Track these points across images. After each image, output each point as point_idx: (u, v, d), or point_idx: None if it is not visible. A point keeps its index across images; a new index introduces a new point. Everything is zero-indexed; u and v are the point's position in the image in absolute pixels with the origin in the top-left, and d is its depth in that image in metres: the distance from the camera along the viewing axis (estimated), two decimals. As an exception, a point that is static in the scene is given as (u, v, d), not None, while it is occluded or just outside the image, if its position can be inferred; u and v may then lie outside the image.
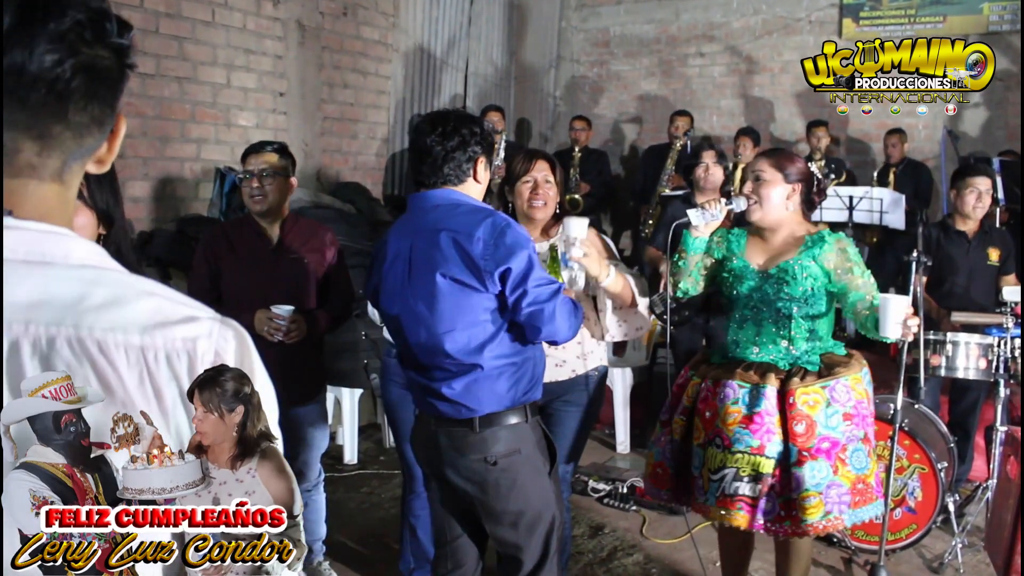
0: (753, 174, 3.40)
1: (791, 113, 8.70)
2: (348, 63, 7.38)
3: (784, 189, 3.35)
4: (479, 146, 2.83)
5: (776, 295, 3.30)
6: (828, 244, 3.31)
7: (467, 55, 8.39)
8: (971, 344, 4.42)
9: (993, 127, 8.13)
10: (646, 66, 9.28)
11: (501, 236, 2.67)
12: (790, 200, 3.37)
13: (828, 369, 3.28)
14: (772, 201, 3.35)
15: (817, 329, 3.33)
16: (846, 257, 3.29)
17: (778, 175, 3.37)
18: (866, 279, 3.29)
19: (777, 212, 3.36)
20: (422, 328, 2.75)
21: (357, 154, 7.51)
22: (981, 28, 8.09)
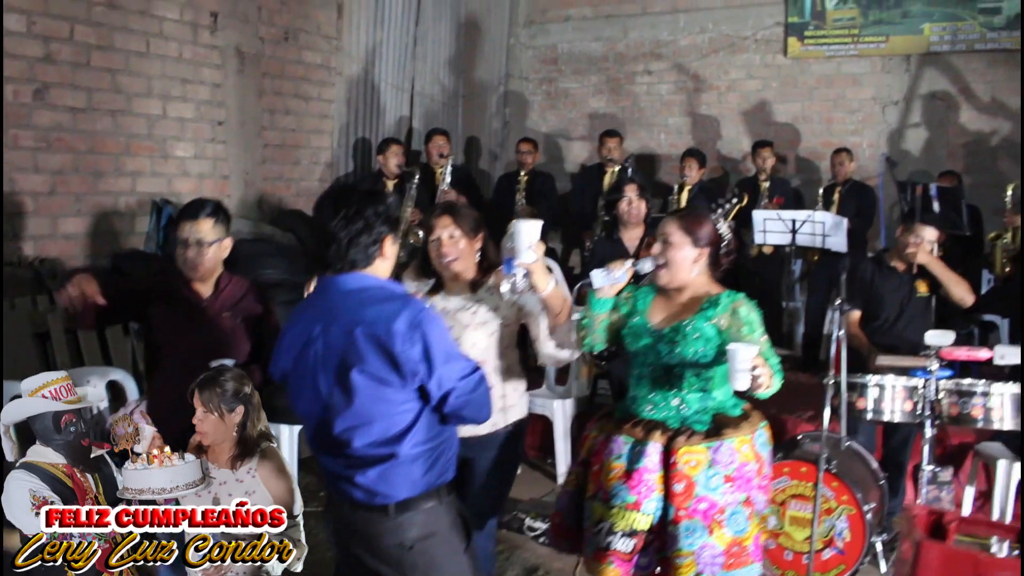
0: (661, 236, 3.42)
1: (738, 131, 8.76)
2: (289, 89, 7.34)
3: (692, 252, 3.38)
4: (385, 225, 2.79)
5: (668, 354, 3.33)
6: (722, 306, 3.33)
7: (413, 76, 8.36)
8: (896, 387, 4.48)
9: (934, 147, 8.23)
10: (594, 83, 9.30)
11: (418, 329, 2.65)
12: (697, 263, 3.41)
13: (717, 430, 3.31)
14: (679, 264, 3.38)
15: (710, 389, 3.36)
16: (738, 317, 3.31)
17: (687, 239, 3.39)
18: (756, 338, 3.32)
19: (684, 275, 3.39)
20: (337, 419, 2.72)
21: (300, 180, 7.48)
22: (922, 48, 8.19)
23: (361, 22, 7.79)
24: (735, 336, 3.27)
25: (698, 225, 3.43)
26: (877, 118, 8.37)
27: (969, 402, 4.39)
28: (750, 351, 3.04)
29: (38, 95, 5.71)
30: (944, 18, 8.09)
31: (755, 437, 3.38)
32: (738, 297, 3.41)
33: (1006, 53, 7.92)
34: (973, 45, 8.03)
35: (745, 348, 3.05)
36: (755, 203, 7.75)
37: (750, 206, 7.60)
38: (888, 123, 8.35)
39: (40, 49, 5.71)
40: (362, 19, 7.79)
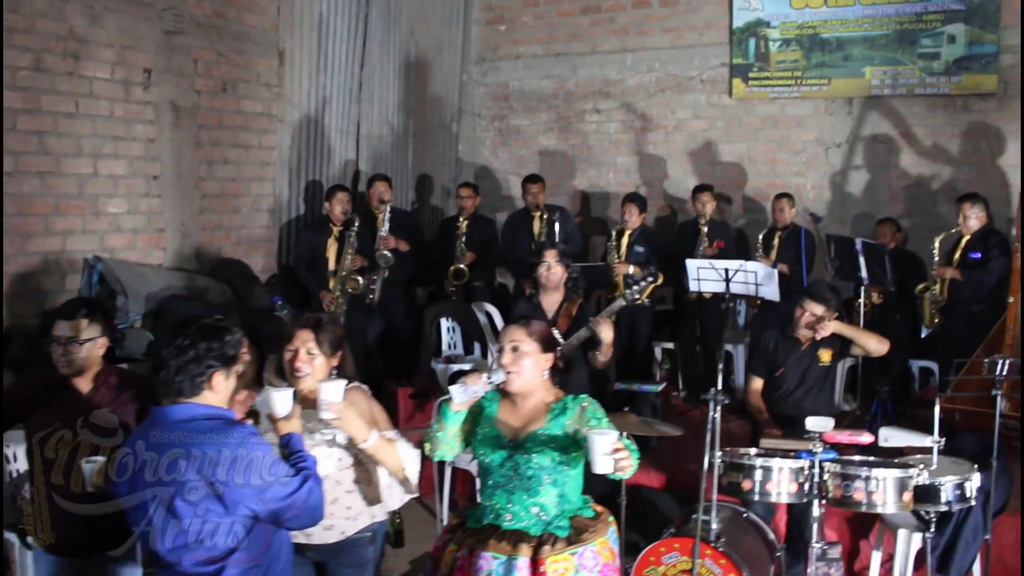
0: (511, 344, 3.49)
1: (684, 171, 8.80)
2: (228, 139, 7.41)
3: (541, 358, 3.49)
4: (217, 361, 2.95)
5: (526, 464, 3.40)
6: (571, 410, 3.45)
7: (359, 119, 8.43)
8: (783, 469, 4.53)
9: (876, 189, 8.25)
10: (545, 121, 9.35)
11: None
12: (543, 369, 3.51)
13: (577, 534, 3.39)
14: (529, 371, 3.47)
15: (567, 493, 3.44)
16: (586, 415, 3.42)
17: (535, 345, 3.49)
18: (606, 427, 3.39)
19: (533, 381, 3.49)
20: (165, 539, 2.85)
21: (240, 228, 7.55)
22: (863, 92, 8.21)
23: (303, 69, 7.86)
24: (582, 431, 3.37)
25: (540, 331, 3.55)
26: (821, 160, 8.40)
27: (852, 485, 4.44)
28: (610, 437, 3.16)
29: (-37, 160, 5.80)
30: (884, 62, 8.11)
31: (610, 535, 3.50)
32: (582, 399, 3.52)
33: (945, 98, 7.95)
34: (913, 89, 8.05)
35: (604, 435, 3.18)
36: (695, 248, 7.80)
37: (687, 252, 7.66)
38: (831, 165, 8.38)
39: (-36, 116, 5.80)
40: (304, 66, 7.85)
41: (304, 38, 7.84)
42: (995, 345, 6.31)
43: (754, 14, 8.50)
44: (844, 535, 5.60)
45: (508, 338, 3.52)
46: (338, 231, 7.20)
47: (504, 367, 3.47)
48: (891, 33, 8.08)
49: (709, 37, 8.65)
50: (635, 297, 5.32)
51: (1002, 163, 7.82)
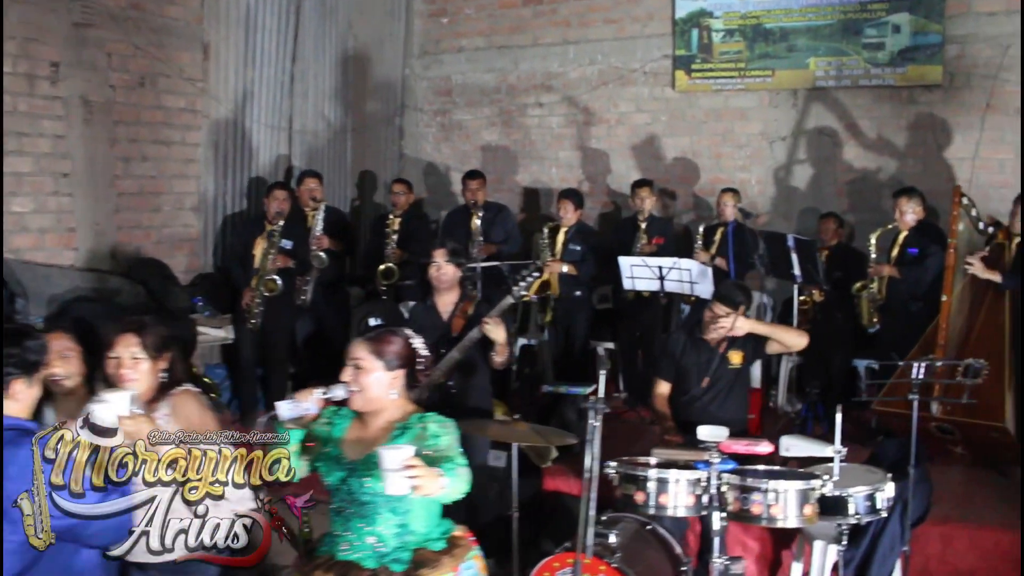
0: (351, 361, 3.21)
1: (628, 166, 8.50)
2: (147, 135, 7.11)
3: (385, 376, 3.19)
4: (16, 367, 2.77)
5: (360, 490, 3.10)
6: (412, 430, 3.13)
7: (291, 114, 8.12)
8: (680, 481, 4.24)
9: (821, 184, 7.95)
10: (487, 116, 9.04)
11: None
12: (392, 387, 3.21)
13: (415, 568, 3.08)
14: (373, 390, 3.18)
15: (409, 523, 3.13)
16: (427, 435, 3.11)
17: (378, 363, 3.20)
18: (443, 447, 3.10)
19: (379, 399, 3.20)
20: None
21: (162, 227, 7.26)
22: (808, 83, 7.90)
23: (230, 63, 7.56)
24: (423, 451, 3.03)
25: (388, 346, 3.24)
26: (765, 154, 8.10)
27: (749, 498, 4.16)
28: (400, 453, 2.82)
29: None
30: (829, 53, 7.80)
31: (463, 570, 3.16)
32: (428, 417, 3.20)
33: (890, 89, 7.65)
34: (858, 81, 7.75)
35: (394, 450, 2.84)
36: (632, 245, 7.51)
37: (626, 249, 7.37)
38: (776, 159, 8.08)
39: None
40: (231, 60, 7.56)
41: (230, 31, 7.54)
42: (929, 345, 6.03)
43: (697, 4, 8.19)
44: (766, 545, 5.32)
45: (350, 354, 3.24)
46: (269, 230, 6.91)
47: (346, 384, 3.21)
48: (835, 23, 7.78)
49: (652, 28, 8.34)
50: (522, 294, 5.01)
51: (948, 156, 7.53)
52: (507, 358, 5.18)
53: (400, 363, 3.23)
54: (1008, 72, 7.29)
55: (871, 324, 6.80)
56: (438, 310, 5.35)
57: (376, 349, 3.21)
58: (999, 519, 5.17)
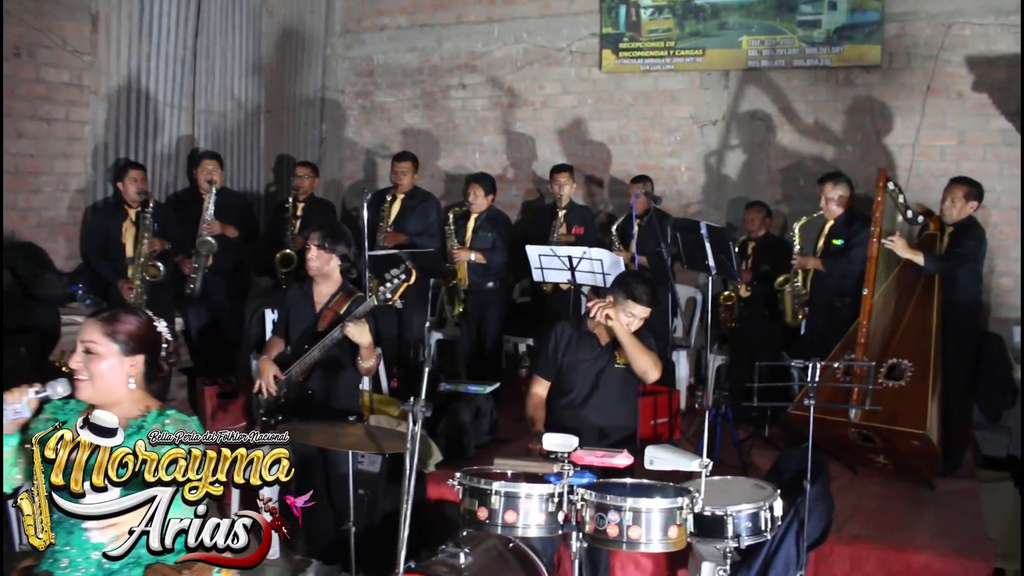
0: (83, 344, 2.66)
1: (553, 151, 7.86)
2: (24, 109, 6.45)
3: (120, 362, 2.65)
4: None
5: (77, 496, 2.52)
6: (146, 429, 2.57)
7: (193, 92, 7.47)
8: (531, 495, 3.61)
9: (754, 171, 7.33)
10: (409, 98, 8.39)
11: None
12: (129, 375, 2.66)
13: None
14: (105, 378, 2.63)
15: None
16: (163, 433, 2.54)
17: (112, 346, 2.65)
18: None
19: (112, 390, 2.64)
20: None
21: (42, 209, 6.60)
22: (740, 63, 7.27)
23: (122, 35, 6.88)
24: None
25: (126, 328, 2.67)
26: (696, 139, 7.47)
27: (605, 518, 3.54)
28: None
29: None
30: (762, 31, 7.16)
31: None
32: (168, 415, 2.64)
33: (826, 70, 7.02)
34: (792, 61, 7.11)
35: None
36: (550, 234, 6.89)
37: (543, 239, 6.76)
38: (707, 144, 7.45)
39: None
40: (123, 32, 6.88)
41: (122, 1, 6.88)
42: (851, 344, 5.42)
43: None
44: (660, 564, 4.70)
45: (81, 336, 2.66)
46: (135, 213, 6.27)
47: (74, 372, 2.62)
48: (769, 0, 7.14)
49: (579, 5, 7.70)
50: (387, 297, 4.38)
51: (887, 142, 6.91)
52: (374, 363, 4.57)
53: (139, 347, 2.68)
54: (949, 52, 6.68)
55: (796, 321, 6.19)
56: (313, 299, 4.74)
57: (110, 330, 2.66)
58: (913, 539, 4.57)
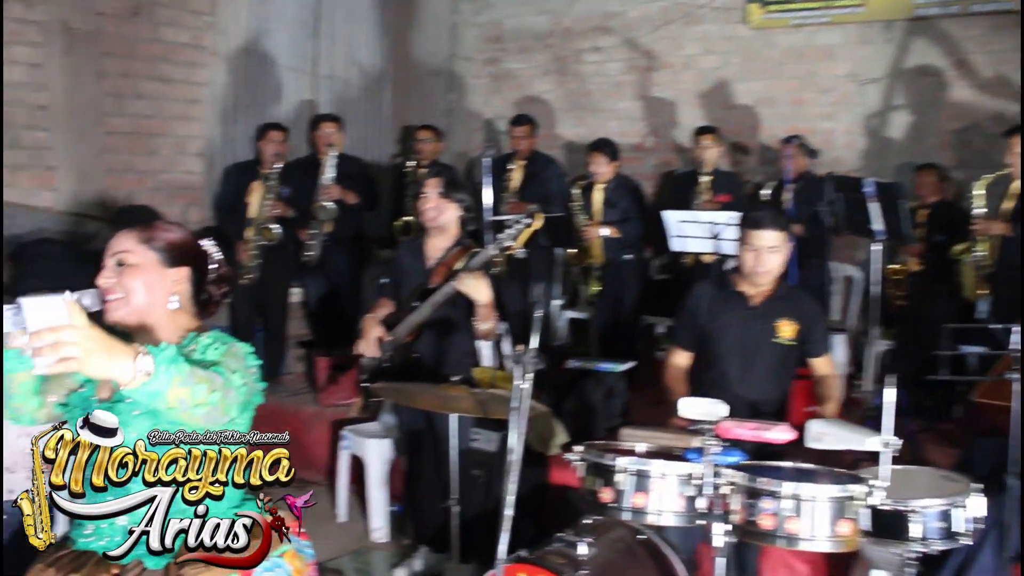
0: (115, 256, 2.13)
1: (694, 116, 7.08)
2: (142, 70, 6.14)
3: (160, 276, 2.14)
4: None
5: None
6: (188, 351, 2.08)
7: (316, 56, 7.05)
8: (666, 476, 2.91)
9: (922, 134, 6.38)
10: (540, 63, 7.76)
11: None
12: (170, 292, 2.15)
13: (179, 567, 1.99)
14: (141, 294, 2.12)
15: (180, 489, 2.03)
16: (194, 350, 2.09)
17: (149, 255, 2.13)
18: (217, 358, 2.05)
19: (149, 309, 2.13)
20: None
21: (159, 172, 6.28)
22: (906, 12, 6.34)
23: (242, -5, 6.54)
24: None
25: (165, 235, 2.17)
26: (854, 99, 6.57)
27: (757, 506, 2.81)
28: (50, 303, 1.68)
29: None
30: (933, -27, 6.23)
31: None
32: (214, 336, 2.15)
33: (1009, 16, 6.01)
34: (969, 7, 6.14)
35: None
36: (690, 201, 6.16)
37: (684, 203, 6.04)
38: (867, 105, 6.54)
39: None
40: (244, -9, 6.54)
41: (244, -41, 6.53)
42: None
43: (775, -77, 6.72)
44: (820, 570, 3.92)
45: (113, 247, 2.14)
46: (264, 174, 5.89)
47: (104, 291, 2.11)
48: (940, -65, 6.21)
49: (722, -46, 6.92)
50: (507, 244, 3.75)
51: (1085, 95, 5.87)
52: (492, 326, 3.93)
53: (182, 258, 2.17)
54: None
55: (977, 296, 5.27)
56: (424, 253, 4.16)
57: (147, 237, 2.15)
58: None
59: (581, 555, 3.07)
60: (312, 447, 5.56)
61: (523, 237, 3.72)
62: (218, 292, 2.22)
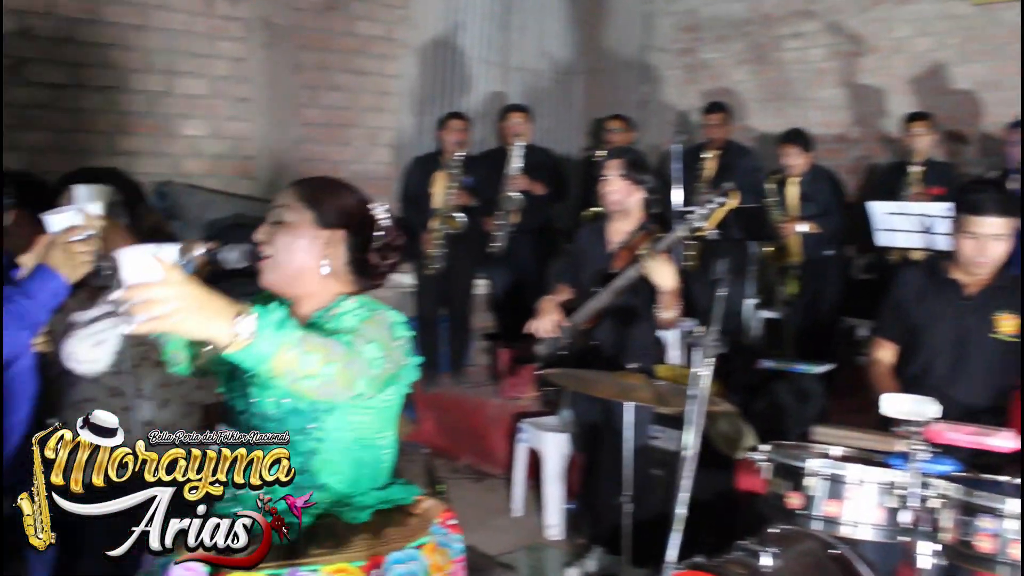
0: (275, 212, 2.00)
1: (905, 104, 6.47)
2: (337, 63, 6.26)
3: (315, 238, 1.96)
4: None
5: (255, 407, 1.96)
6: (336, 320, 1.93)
7: (507, 48, 6.96)
8: (864, 483, 2.57)
9: None
10: (737, 52, 7.34)
11: None
12: (324, 256, 1.97)
13: (307, 544, 1.82)
14: (295, 257, 1.95)
15: (313, 470, 1.92)
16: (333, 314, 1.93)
17: (307, 214, 1.96)
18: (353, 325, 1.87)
19: (302, 276, 1.97)
20: None
21: (352, 162, 6.37)
22: None
23: (435, -12, 6.55)
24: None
25: (329, 194, 1.99)
26: (1092, 81, 5.81)
27: (973, 524, 2.42)
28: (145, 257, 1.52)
29: (12, 70, 5.07)
30: None
31: (379, 571, 1.85)
32: (363, 303, 1.97)
33: None
34: None
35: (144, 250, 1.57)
36: (897, 194, 5.64)
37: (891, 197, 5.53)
38: (1112, 89, 5.77)
39: (15, 23, 5.07)
40: (436, -16, 6.55)
41: (437, -47, 6.54)
42: None
43: None
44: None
45: (276, 201, 2.02)
46: (448, 163, 5.85)
47: (258, 248, 1.99)
48: None
49: (938, -75, 6.30)
50: (698, 225, 3.47)
51: None
52: (677, 315, 3.65)
53: (342, 220, 1.98)
54: None
55: None
56: (605, 237, 3.94)
57: (309, 195, 1.98)
58: None
59: (764, 567, 2.75)
60: (493, 440, 5.46)
61: (716, 217, 3.43)
62: (383, 262, 2.05)
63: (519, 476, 4.86)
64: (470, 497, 5.04)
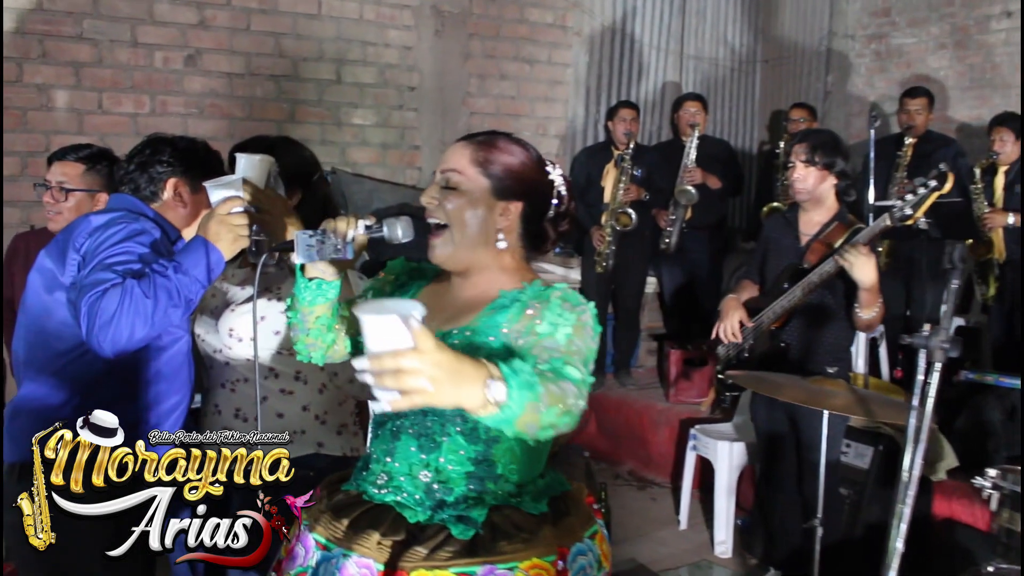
0: (443, 174, 1.72)
1: None
2: (507, 51, 6.03)
3: (489, 207, 1.69)
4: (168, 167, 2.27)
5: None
6: (521, 304, 1.61)
7: (681, 35, 6.56)
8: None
9: None
10: (935, 36, 6.65)
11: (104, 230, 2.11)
12: (502, 227, 1.70)
13: (490, 541, 1.58)
14: (468, 226, 1.68)
15: (494, 459, 1.65)
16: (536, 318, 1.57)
17: (481, 181, 1.69)
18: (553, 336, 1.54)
19: (474, 246, 1.70)
20: None
21: (520, 153, 6.13)
22: None
23: (609, -26, 6.22)
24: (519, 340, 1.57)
25: (505, 158, 1.71)
26: None
27: None
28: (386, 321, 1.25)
29: (190, 61, 5.11)
30: None
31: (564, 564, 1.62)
32: (554, 289, 1.63)
33: None
34: None
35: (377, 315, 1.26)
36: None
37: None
38: None
39: (194, 15, 5.10)
40: (610, -30, 6.22)
41: (610, -62, 6.21)
42: None
43: None
44: None
45: (444, 163, 1.73)
46: (618, 155, 5.51)
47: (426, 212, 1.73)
48: None
49: None
50: (906, 213, 3.00)
51: None
52: (876, 316, 3.20)
53: (518, 189, 1.70)
54: None
55: None
56: (798, 229, 3.52)
57: (483, 157, 1.70)
58: None
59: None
60: (657, 446, 5.12)
61: (927, 204, 2.96)
62: (555, 231, 1.76)
63: (687, 486, 4.49)
64: (632, 506, 4.72)
